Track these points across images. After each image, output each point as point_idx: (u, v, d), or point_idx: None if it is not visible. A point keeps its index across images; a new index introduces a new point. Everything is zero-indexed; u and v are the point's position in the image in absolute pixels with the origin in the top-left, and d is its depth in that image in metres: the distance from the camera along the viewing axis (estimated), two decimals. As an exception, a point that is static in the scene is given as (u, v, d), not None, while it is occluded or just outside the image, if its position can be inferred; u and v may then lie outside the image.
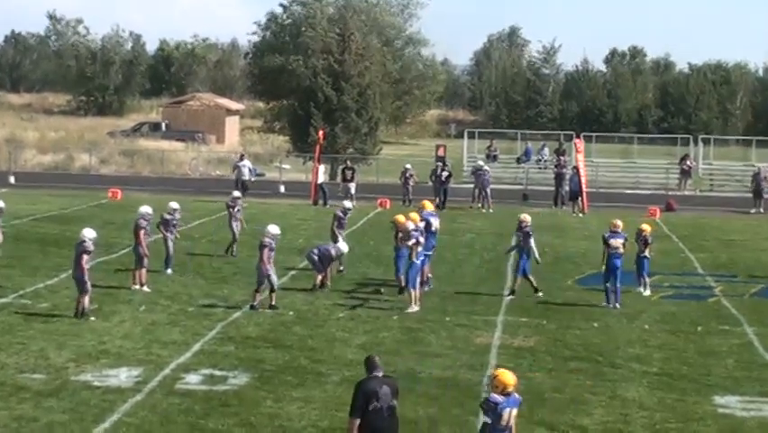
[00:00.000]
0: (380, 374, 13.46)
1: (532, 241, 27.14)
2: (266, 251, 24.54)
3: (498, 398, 13.12)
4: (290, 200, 49.00)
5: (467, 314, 24.92)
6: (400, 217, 26.90)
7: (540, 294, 26.96)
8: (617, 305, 26.09)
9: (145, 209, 27.59)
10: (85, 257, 23.25)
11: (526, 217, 27.62)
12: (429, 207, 28.64)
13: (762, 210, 48.78)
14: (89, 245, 23.44)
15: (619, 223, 27.17)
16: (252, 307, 24.57)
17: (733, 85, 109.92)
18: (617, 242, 26.53)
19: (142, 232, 26.74)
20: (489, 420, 13.05)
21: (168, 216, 28.86)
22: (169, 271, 28.75)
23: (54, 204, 43.71)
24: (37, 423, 16.41)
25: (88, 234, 23.72)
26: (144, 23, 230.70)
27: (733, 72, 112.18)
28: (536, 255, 27.34)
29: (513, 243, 28.83)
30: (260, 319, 23.77)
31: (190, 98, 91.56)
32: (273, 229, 25.21)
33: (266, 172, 60.50)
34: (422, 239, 25.62)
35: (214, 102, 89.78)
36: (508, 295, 27.02)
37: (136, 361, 20.06)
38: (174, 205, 29.55)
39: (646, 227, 28.01)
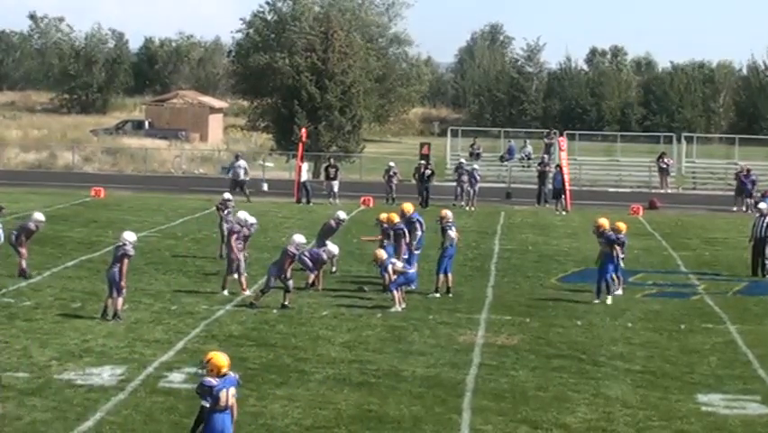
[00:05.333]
0: None
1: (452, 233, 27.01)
2: (287, 258, 24.58)
3: (212, 381, 13.65)
4: (274, 198, 48.95)
5: (450, 312, 24.94)
6: (384, 216, 27.04)
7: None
8: (605, 297, 26.68)
9: (243, 215, 27.44)
10: (125, 261, 23.10)
11: (447, 213, 27.50)
12: (411, 208, 28.48)
13: (744, 208, 48.85)
14: (130, 249, 23.26)
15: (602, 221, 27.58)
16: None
17: (716, 83, 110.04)
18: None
19: (234, 237, 26.43)
20: (207, 404, 13.39)
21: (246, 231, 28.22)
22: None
23: (37, 202, 43.47)
24: (20, 421, 16.39)
25: (129, 237, 23.51)
26: (127, 20, 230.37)
27: (717, 71, 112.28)
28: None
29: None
30: (243, 318, 23.76)
31: (173, 96, 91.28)
32: (299, 238, 25.17)
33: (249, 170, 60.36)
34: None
35: (197, 100, 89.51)
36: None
37: (119, 359, 20.03)
38: (251, 219, 28.04)
39: (621, 226, 27.85)
